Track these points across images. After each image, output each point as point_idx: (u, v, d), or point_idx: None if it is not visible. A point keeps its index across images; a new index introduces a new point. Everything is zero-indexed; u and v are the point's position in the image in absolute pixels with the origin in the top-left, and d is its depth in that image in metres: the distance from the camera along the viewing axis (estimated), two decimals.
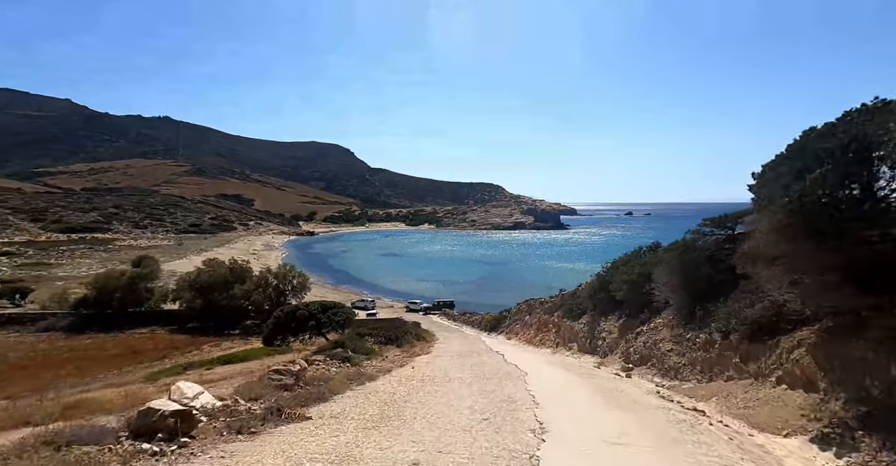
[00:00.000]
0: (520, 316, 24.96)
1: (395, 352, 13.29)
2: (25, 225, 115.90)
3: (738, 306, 6.33)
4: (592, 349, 11.58)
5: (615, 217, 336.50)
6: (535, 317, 19.75)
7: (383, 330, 16.11)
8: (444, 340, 21.15)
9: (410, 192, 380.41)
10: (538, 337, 17.13)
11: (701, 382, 6.55)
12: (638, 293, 9.77)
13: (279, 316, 29.58)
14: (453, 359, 10.77)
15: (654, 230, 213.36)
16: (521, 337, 20.81)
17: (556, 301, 18.88)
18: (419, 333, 19.23)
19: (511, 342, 21.72)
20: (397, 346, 15.12)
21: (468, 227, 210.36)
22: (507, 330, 25.43)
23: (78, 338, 34.87)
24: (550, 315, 16.22)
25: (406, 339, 16.34)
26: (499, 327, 29.41)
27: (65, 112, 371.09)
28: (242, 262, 44.68)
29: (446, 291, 62.97)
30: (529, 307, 24.47)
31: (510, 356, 11.93)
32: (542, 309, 20.73)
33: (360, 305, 50.79)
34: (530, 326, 19.33)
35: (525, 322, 21.56)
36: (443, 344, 17.96)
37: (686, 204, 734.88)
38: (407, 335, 17.40)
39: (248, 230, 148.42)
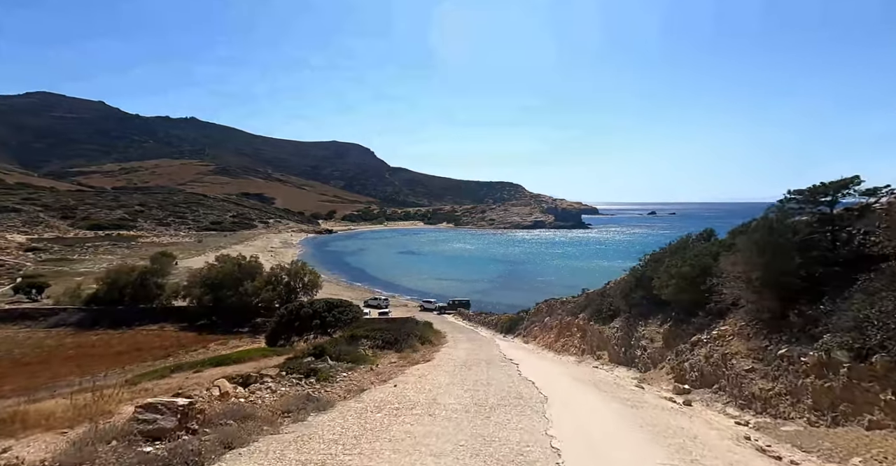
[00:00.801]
0: (539, 317, 22.72)
1: (390, 359, 11.32)
2: (56, 222, 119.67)
3: (879, 312, 4.11)
4: (628, 359, 9.38)
5: (638, 216, 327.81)
6: (556, 319, 17.49)
7: (384, 332, 14.18)
8: (452, 343, 19.11)
9: (429, 191, 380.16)
10: (560, 342, 14.90)
11: (817, 425, 4.34)
12: (691, 291, 7.55)
13: (283, 314, 28.13)
14: (455, 372, 8.74)
15: (685, 228, 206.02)
16: (541, 340, 18.58)
17: (579, 301, 16.60)
18: (425, 335, 17.24)
19: (528, 346, 19.54)
20: (396, 351, 13.16)
21: (487, 226, 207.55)
22: (525, 333, 23.22)
23: (86, 334, 34.36)
24: (574, 316, 13.98)
25: (408, 343, 14.36)
26: (516, 329, 27.24)
27: (98, 114, 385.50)
28: (252, 259, 43.66)
29: (462, 290, 60.90)
30: (549, 307, 22.19)
31: (526, 367, 9.82)
32: (563, 309, 18.45)
33: (372, 304, 49.31)
34: (551, 329, 17.09)
35: (545, 324, 19.30)
36: (450, 348, 15.92)
37: (712, 203, 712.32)
38: (410, 337, 15.43)
39: (267, 228, 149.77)
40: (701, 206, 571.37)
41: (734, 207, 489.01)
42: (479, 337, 25.98)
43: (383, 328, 14.91)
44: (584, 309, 13.25)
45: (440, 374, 8.23)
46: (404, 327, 16.73)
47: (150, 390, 14.34)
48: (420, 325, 32.70)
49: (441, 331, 30.97)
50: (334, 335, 22.62)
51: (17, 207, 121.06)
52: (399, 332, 15.01)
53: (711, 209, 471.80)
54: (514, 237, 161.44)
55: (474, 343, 19.74)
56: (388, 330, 14.59)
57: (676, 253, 9.03)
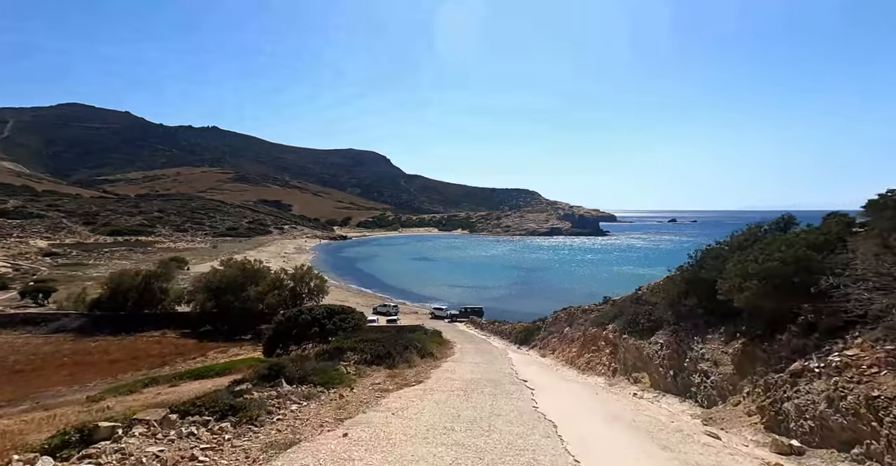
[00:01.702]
0: (557, 326, 20.33)
1: (375, 379, 9.22)
2: (78, 228, 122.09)
3: None
4: (680, 387, 7.05)
5: (657, 224, 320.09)
6: (577, 330, 15.13)
7: (376, 344, 12.09)
8: (459, 356, 16.89)
9: (445, 198, 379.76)
10: (584, 358, 12.55)
11: None
12: (781, 296, 5.28)
13: (280, 321, 26.37)
14: (449, 401, 6.60)
15: (712, 235, 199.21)
16: (560, 354, 16.20)
17: (606, 309, 14.26)
18: (426, 347, 15.07)
19: (546, 360, 17.14)
20: (387, 367, 11.05)
21: (502, 233, 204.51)
22: (542, 345, 20.81)
23: (85, 341, 33.28)
24: (601, 327, 11.65)
25: (403, 356, 12.23)
26: (531, 339, 24.85)
27: (124, 124, 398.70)
28: (257, 262, 42.27)
29: (475, 297, 58.47)
30: (569, 316, 19.79)
31: (545, 394, 7.59)
32: (586, 318, 16.09)
33: (381, 310, 47.40)
34: (572, 341, 14.74)
35: (564, 335, 16.92)
36: (455, 362, 13.72)
37: (733, 211, 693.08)
38: (408, 349, 13.30)
39: (282, 233, 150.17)
40: (722, 214, 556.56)
41: (755, 215, 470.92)
42: (491, 348, 23.64)
43: (377, 338, 12.81)
44: (614, 319, 10.92)
45: (427, 406, 6.08)
46: (403, 337, 14.60)
47: (111, 408, 12.55)
48: (427, 334, 30.53)
49: (449, 341, 28.71)
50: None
51: (41, 213, 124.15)
52: (395, 344, 12.88)
53: (733, 217, 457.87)
54: (529, 244, 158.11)
55: (483, 356, 17.47)
56: (381, 342, 12.49)
57: (747, 248, 6.74)
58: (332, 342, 12.53)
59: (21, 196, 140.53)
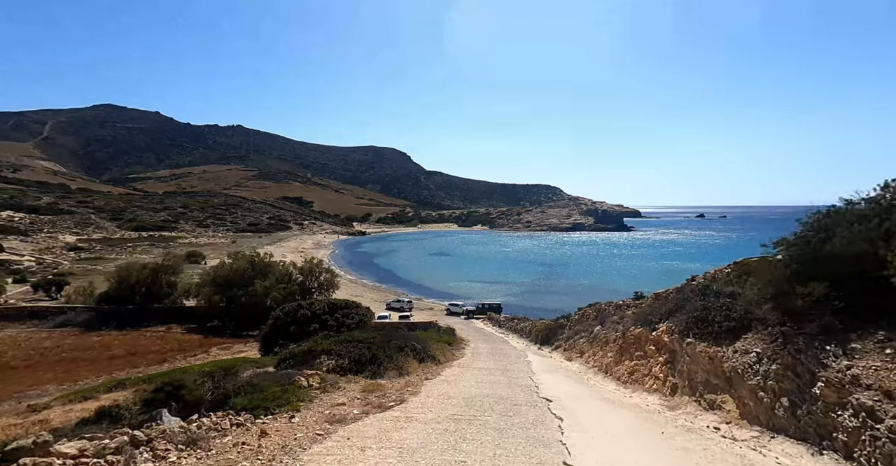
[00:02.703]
0: (584, 324, 17.50)
1: (340, 397, 6.79)
2: (105, 223, 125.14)
3: None
4: (808, 428, 4.27)
5: (684, 219, 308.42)
6: (612, 329, 12.33)
7: (362, 345, 9.68)
8: (469, 358, 14.34)
9: (465, 194, 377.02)
10: (624, 366, 9.80)
11: None
12: None
13: (278, 316, 24.44)
14: (426, 447, 4.03)
15: (747, 230, 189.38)
16: (591, 359, 13.43)
17: (648, 303, 11.48)
18: (428, 349, 12.57)
19: (573, 365, 14.39)
20: (370, 376, 8.61)
21: (523, 229, 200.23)
22: (567, 345, 18.00)
23: (88, 336, 32.28)
24: (648, 327, 8.86)
25: (395, 361, 9.77)
26: (553, 338, 22.08)
27: (154, 123, 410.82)
28: (267, 256, 40.70)
29: (494, 293, 55.71)
30: (599, 313, 16.93)
31: (582, 430, 4.97)
32: (621, 315, 13.32)
33: (394, 306, 45.29)
34: (606, 343, 11.97)
35: (595, 335, 14.13)
36: (460, 369, 11.19)
37: (764, 207, 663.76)
38: (403, 352, 10.86)
39: (302, 229, 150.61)
40: (751, 210, 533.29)
41: (786, 210, 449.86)
42: (508, 349, 20.98)
43: (365, 339, 10.39)
44: (669, 316, 8.14)
45: (383, 459, 3.55)
46: (399, 337, 12.13)
47: (48, 421, 10.55)
48: (439, 332, 28.09)
49: (462, 340, 26.18)
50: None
51: (71, 210, 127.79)
52: (386, 345, 10.42)
53: (764, 212, 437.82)
54: (551, 239, 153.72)
55: (498, 359, 14.85)
56: (368, 343, 10.06)
57: None
58: (309, 342, 10.20)
59: (54, 193, 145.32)
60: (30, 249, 77.47)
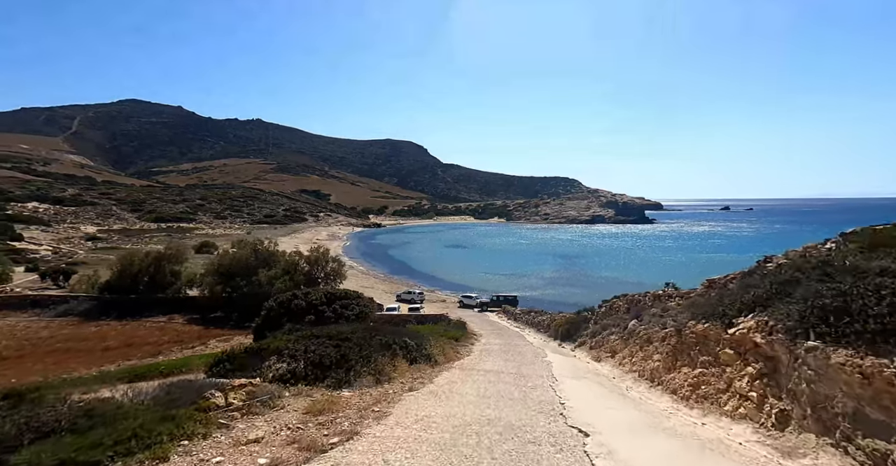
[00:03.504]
0: (614, 318, 14.95)
1: (274, 422, 4.51)
2: (126, 215, 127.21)
3: None
4: None
5: (708, 212, 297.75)
6: (655, 325, 9.81)
7: (331, 342, 7.44)
8: (474, 359, 11.99)
9: (482, 187, 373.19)
10: (682, 375, 7.25)
11: None
12: None
13: (271, 307, 22.48)
14: None
15: (776, 223, 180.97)
16: (627, 360, 10.95)
17: (702, 293, 8.98)
18: (424, 347, 10.26)
19: (603, 368, 11.89)
20: (334, 385, 6.36)
21: (541, 221, 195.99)
22: (594, 342, 15.44)
23: (87, 326, 31.29)
24: (721, 323, 6.27)
25: (374, 365, 7.50)
26: (576, 334, 19.52)
27: (177, 118, 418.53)
28: (271, 244, 39.13)
29: (510, 286, 53.15)
30: (632, 304, 14.40)
31: None
32: (663, 307, 10.87)
33: (405, 298, 43.32)
34: (649, 342, 9.46)
35: (631, 331, 11.60)
36: (462, 374, 8.88)
37: (789, 200, 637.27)
38: (389, 352, 8.60)
39: (317, 221, 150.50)
40: (778, 203, 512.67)
41: (820, 204, 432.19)
42: (523, 345, 18.54)
43: (338, 334, 8.14)
44: (757, 305, 5.55)
45: None
46: (387, 332, 9.84)
47: None
48: (449, 324, 25.81)
49: (473, 335, 23.84)
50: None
51: (94, 201, 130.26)
52: (363, 343, 8.15)
53: (792, 205, 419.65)
54: (570, 231, 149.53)
55: (510, 359, 12.43)
56: (341, 339, 7.80)
57: None
58: (266, 340, 8.03)
59: (79, 185, 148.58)
60: (49, 239, 78.58)
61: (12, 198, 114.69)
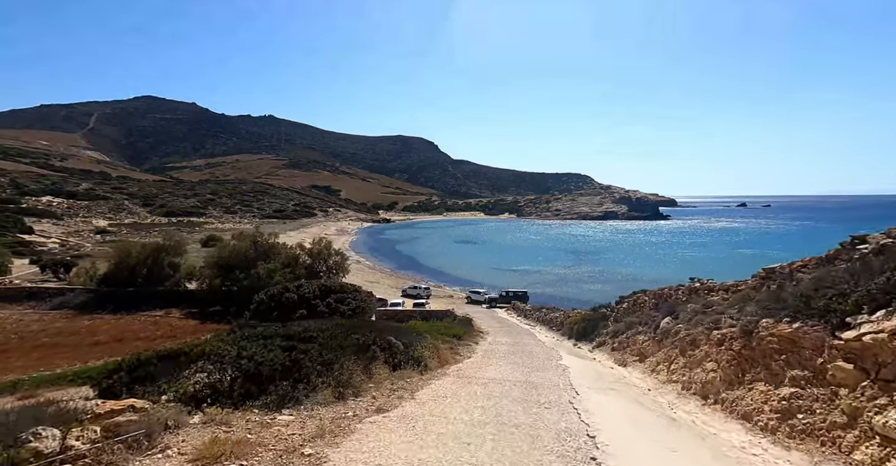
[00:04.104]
0: (640, 315, 13.03)
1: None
2: (137, 209, 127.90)
3: None
4: None
5: (724, 208, 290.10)
6: (700, 325, 7.78)
7: (284, 344, 5.68)
8: (475, 363, 10.17)
9: (492, 183, 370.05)
10: (756, 395, 5.32)
11: None
12: None
13: (261, 300, 21.04)
14: None
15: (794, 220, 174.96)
16: (664, 368, 9.04)
17: (754, 285, 7.02)
18: (415, 349, 8.47)
19: (631, 374, 9.97)
20: (273, 406, 4.54)
21: (552, 217, 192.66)
22: (616, 343, 13.49)
23: (81, 319, 30.27)
24: (819, 323, 4.34)
25: (339, 373, 5.72)
26: (594, 333, 17.63)
27: (191, 114, 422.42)
28: (271, 236, 37.78)
29: (521, 281, 51.13)
30: (661, 299, 12.49)
31: None
32: (702, 302, 9.00)
33: (411, 293, 41.66)
34: (694, 346, 7.55)
35: (665, 330, 9.67)
36: (453, 385, 7.10)
37: (805, 197, 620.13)
38: (368, 352, 6.87)
39: (327, 216, 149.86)
40: (796, 199, 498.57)
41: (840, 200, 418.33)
42: (533, 344, 16.65)
43: (293, 333, 6.38)
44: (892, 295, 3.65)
45: None
46: (369, 329, 8.06)
47: None
48: (452, 321, 24.02)
49: (480, 331, 22.06)
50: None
51: (106, 196, 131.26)
52: (329, 345, 6.38)
53: (811, 202, 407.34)
54: (582, 227, 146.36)
55: (519, 361, 10.55)
56: (296, 341, 6.04)
57: None
58: (192, 342, 6.33)
59: (93, 180, 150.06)
60: (59, 232, 78.79)
61: (27, 192, 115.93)
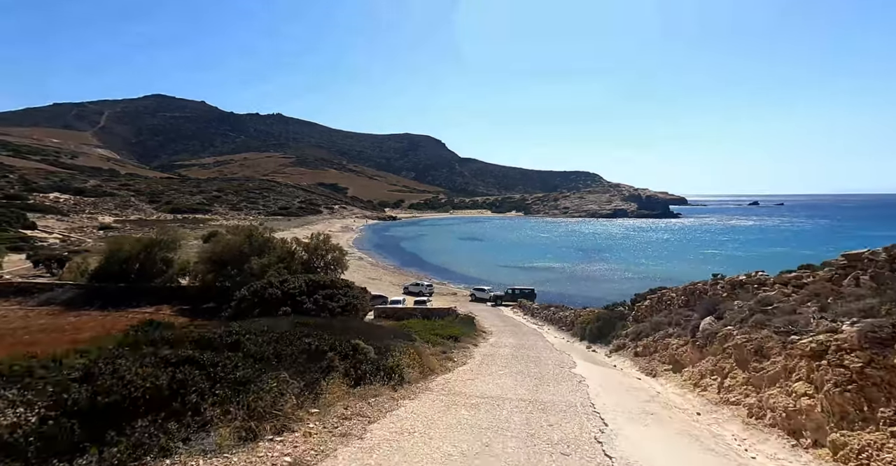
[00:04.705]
0: (669, 315, 11.22)
1: None
2: (143, 206, 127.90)
3: None
4: None
5: (735, 207, 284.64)
6: (765, 329, 5.81)
7: (176, 361, 3.94)
8: (473, 369, 8.44)
9: (499, 181, 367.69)
10: None
11: None
12: None
13: (243, 296, 19.49)
14: None
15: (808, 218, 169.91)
16: (715, 383, 7.19)
17: (826, 275, 4.97)
18: (392, 353, 6.70)
19: (666, 388, 8.12)
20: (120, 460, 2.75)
21: (560, 215, 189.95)
22: (640, 347, 11.64)
23: (67, 315, 29.04)
24: None
25: (258, 400, 3.93)
26: (611, 334, 15.75)
27: (200, 112, 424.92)
28: (266, 230, 36.33)
29: (527, 279, 49.22)
30: (694, 297, 10.76)
31: None
32: (760, 300, 7.14)
33: (412, 290, 40.02)
34: (761, 356, 5.79)
35: (710, 333, 7.74)
36: (432, 407, 5.29)
37: (817, 195, 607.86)
38: (322, 361, 5.08)
39: (332, 213, 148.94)
40: (805, 198, 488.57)
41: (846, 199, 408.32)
42: (542, 347, 14.82)
43: (209, 340, 4.66)
44: None
45: None
46: (326, 330, 6.33)
47: None
48: (455, 319, 22.28)
49: (483, 331, 20.26)
50: None
51: (113, 192, 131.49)
52: (260, 355, 4.63)
53: (820, 200, 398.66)
54: (591, 225, 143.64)
55: (522, 372, 8.75)
56: (217, 350, 4.31)
57: None
58: None
59: (101, 177, 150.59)
60: (63, 228, 78.46)
61: (35, 189, 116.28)
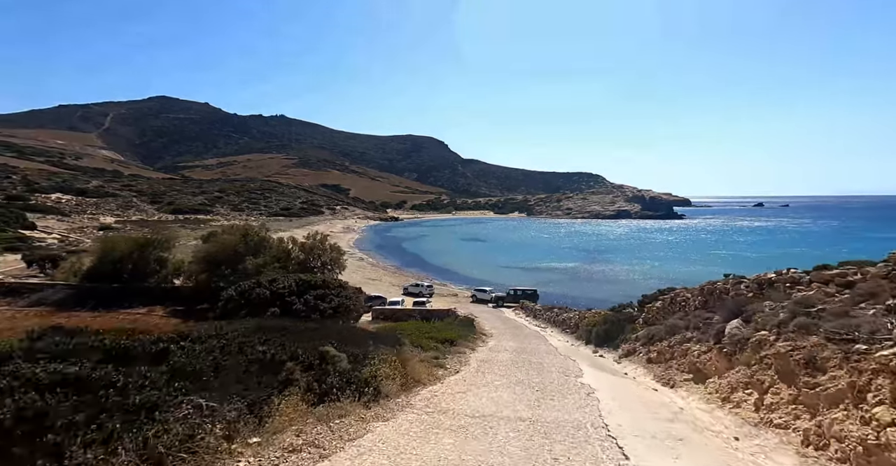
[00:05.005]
0: (686, 317, 10.27)
1: None
2: (145, 206, 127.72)
3: None
4: None
5: (740, 208, 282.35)
6: (823, 338, 4.76)
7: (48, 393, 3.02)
8: (467, 378, 7.52)
9: (502, 183, 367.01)
10: None
11: None
12: None
13: (230, 296, 18.63)
14: None
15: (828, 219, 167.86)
16: (751, 398, 6.40)
17: (881, 271, 3.84)
18: (368, 363, 5.75)
19: (690, 403, 7.15)
20: None
21: (563, 216, 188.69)
22: (653, 353, 10.69)
23: (57, 316, 28.15)
24: None
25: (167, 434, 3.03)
26: (620, 338, 14.79)
27: (203, 114, 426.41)
28: (262, 230, 35.51)
29: (530, 280, 48.23)
30: (714, 297, 9.73)
31: None
32: (801, 300, 6.01)
33: (412, 291, 39.11)
34: (814, 369, 4.94)
35: (739, 339, 6.81)
36: (408, 432, 4.32)
37: (829, 197, 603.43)
38: (280, 374, 4.14)
39: (334, 214, 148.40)
40: (808, 200, 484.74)
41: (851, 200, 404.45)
42: (544, 352, 13.85)
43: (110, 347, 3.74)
44: None
45: None
46: (289, 334, 5.43)
47: None
48: (454, 321, 21.36)
49: (483, 333, 19.29)
50: None
51: (115, 193, 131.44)
52: (182, 369, 3.72)
53: (824, 201, 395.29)
54: (594, 226, 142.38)
55: (523, 381, 7.82)
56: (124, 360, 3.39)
57: None
58: None
59: (103, 178, 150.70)
60: (63, 228, 78.07)
61: (37, 189, 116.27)
